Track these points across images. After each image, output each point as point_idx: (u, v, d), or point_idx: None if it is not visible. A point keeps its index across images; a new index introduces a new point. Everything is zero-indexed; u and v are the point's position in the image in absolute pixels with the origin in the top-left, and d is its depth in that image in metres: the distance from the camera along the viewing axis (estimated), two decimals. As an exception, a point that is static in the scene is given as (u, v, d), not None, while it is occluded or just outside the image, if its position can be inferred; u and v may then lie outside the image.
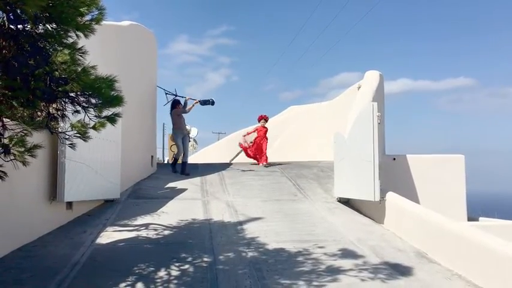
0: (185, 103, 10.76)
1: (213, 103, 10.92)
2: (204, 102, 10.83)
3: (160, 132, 25.39)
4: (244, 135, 12.19)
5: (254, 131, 12.08)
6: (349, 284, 4.44)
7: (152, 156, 11.06)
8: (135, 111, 9.08)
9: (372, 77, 10.39)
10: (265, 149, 11.86)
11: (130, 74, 8.95)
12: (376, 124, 6.94)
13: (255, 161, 12.05)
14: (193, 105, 10.68)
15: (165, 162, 20.36)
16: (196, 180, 9.87)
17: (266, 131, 11.95)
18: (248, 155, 12.15)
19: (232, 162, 14.11)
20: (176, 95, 10.89)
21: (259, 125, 12.08)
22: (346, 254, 5.40)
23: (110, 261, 5.06)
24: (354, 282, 4.51)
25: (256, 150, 11.85)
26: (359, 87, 10.81)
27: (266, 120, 12.16)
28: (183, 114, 10.73)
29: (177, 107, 10.64)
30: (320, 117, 14.61)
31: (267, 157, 11.86)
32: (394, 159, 10.32)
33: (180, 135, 10.64)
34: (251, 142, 11.98)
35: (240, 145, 12.29)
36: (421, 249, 5.74)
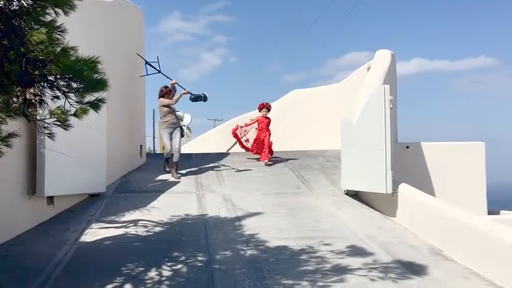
0: (173, 89, 9.83)
1: (205, 99, 10.17)
2: (195, 99, 9.96)
3: (150, 120, 25.36)
4: (242, 126, 11.32)
5: (254, 122, 11.20)
6: (357, 284, 4.48)
7: (141, 146, 11.06)
8: (121, 96, 9.06)
9: (383, 57, 10.33)
10: (268, 144, 10.82)
11: (116, 55, 8.91)
12: (388, 109, 6.93)
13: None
14: (181, 96, 9.74)
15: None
16: (190, 171, 9.88)
17: (269, 122, 11.02)
18: (243, 146, 11.38)
19: (229, 151, 14.11)
20: (160, 70, 10.07)
21: (259, 115, 11.16)
22: (354, 251, 5.44)
23: (96, 261, 5.09)
24: (363, 282, 4.55)
25: (258, 145, 10.93)
26: (369, 69, 10.75)
27: (268, 109, 11.12)
28: (171, 104, 9.63)
29: (164, 96, 9.65)
30: (326, 101, 14.55)
31: (269, 153, 10.88)
32: (408, 147, 10.32)
33: (167, 129, 9.61)
34: (246, 139, 11.22)
35: (234, 133, 11.33)
36: (436, 245, 5.78)
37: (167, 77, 10.12)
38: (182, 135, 10.15)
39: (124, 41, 9.81)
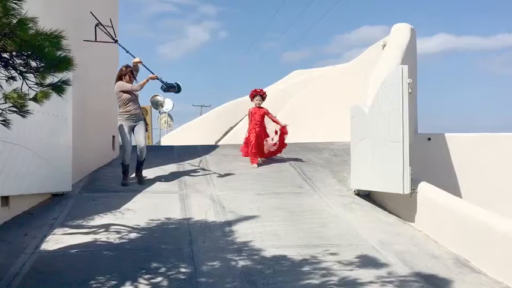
0: (136, 69, 9.08)
1: (179, 90, 9.72)
2: (168, 88, 9.33)
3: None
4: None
5: (251, 119, 10.27)
6: (368, 301, 4.51)
7: (113, 137, 11.02)
8: (90, 77, 9.00)
9: (401, 32, 10.35)
10: (255, 142, 10.10)
11: (83, 29, 8.84)
12: (406, 94, 6.93)
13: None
14: (147, 80, 8.99)
15: None
16: (172, 167, 9.87)
17: (264, 113, 10.22)
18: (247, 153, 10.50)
19: (218, 143, 14.13)
20: (116, 40, 9.10)
21: (252, 105, 10.43)
22: (366, 262, 5.46)
23: (59, 273, 5.08)
24: (375, 298, 4.57)
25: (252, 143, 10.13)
26: (384, 46, 10.79)
27: (263, 97, 10.34)
28: (134, 90, 8.83)
29: (123, 77, 8.84)
30: (333, 84, 14.59)
31: (256, 154, 10.21)
32: (429, 139, 10.37)
33: (128, 121, 8.85)
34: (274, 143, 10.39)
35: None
36: (462, 255, 5.81)
37: (127, 51, 9.17)
38: (146, 130, 9.66)
39: (93, 10, 9.70)
